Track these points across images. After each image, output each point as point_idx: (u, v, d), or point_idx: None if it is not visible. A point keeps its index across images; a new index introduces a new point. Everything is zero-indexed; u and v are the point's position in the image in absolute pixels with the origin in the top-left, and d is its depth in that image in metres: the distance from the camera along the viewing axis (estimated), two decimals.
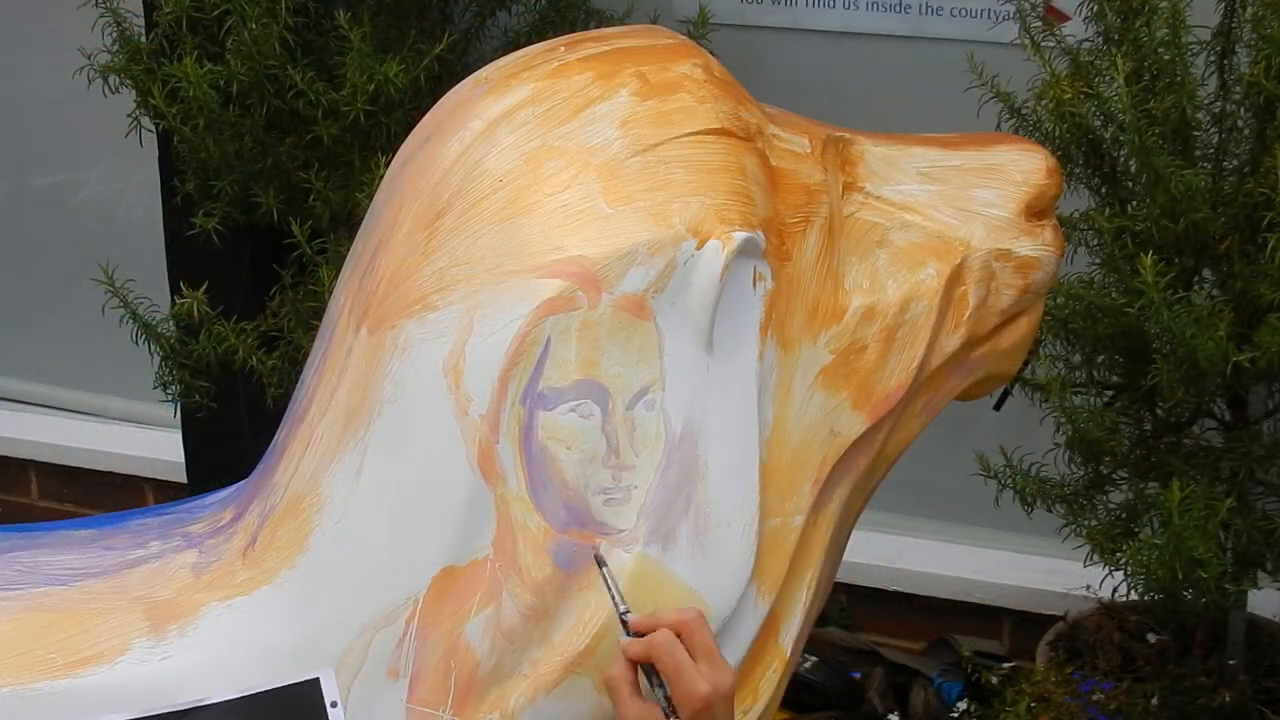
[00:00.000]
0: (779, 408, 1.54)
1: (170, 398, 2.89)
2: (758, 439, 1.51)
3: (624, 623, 1.42)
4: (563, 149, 1.49)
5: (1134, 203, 2.42)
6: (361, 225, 1.64)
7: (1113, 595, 2.66)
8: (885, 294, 1.61)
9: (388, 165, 1.69)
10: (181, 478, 3.48)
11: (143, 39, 2.81)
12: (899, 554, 3.25)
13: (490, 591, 1.46)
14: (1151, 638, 2.72)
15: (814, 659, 3.03)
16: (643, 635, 1.40)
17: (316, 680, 1.46)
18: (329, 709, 1.45)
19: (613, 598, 1.43)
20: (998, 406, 2.41)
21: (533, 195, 1.47)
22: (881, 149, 1.69)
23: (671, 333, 1.47)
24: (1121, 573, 2.45)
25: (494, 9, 2.96)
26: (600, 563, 1.45)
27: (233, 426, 3.06)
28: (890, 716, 3.04)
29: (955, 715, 2.98)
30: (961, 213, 1.68)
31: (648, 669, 1.39)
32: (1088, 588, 2.72)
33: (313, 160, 2.72)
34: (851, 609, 3.26)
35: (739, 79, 1.62)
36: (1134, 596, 2.61)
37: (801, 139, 1.62)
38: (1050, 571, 3.04)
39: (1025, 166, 1.73)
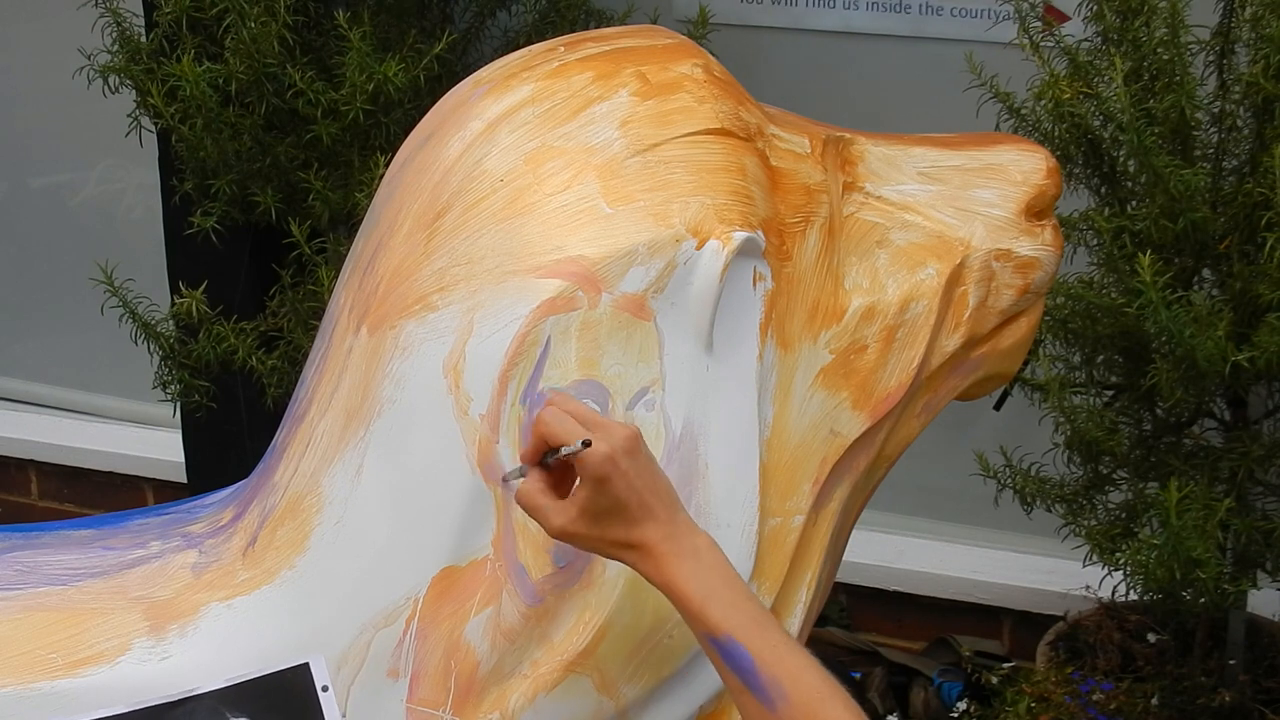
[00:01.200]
0: (779, 408, 1.54)
1: (170, 398, 2.89)
2: (758, 439, 1.51)
3: (522, 474, 1.40)
4: (563, 149, 1.49)
5: (1133, 203, 2.42)
6: (361, 225, 1.64)
7: (1113, 595, 2.66)
8: (885, 294, 1.61)
9: (387, 165, 1.69)
10: (181, 478, 3.48)
11: (143, 39, 2.81)
12: (899, 554, 3.25)
13: (490, 591, 1.46)
14: (1151, 638, 2.73)
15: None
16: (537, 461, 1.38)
17: (306, 665, 1.46)
18: (320, 693, 1.45)
19: (516, 474, 1.42)
20: (998, 406, 2.41)
21: (533, 195, 1.47)
22: (881, 149, 1.70)
23: (671, 332, 1.47)
24: (1121, 573, 2.45)
25: (494, 9, 2.96)
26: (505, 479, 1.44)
27: (233, 426, 3.06)
28: (890, 717, 3.04)
29: (955, 715, 2.98)
30: (961, 213, 1.68)
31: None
32: (1087, 588, 2.72)
33: (312, 160, 2.72)
34: (851, 609, 3.27)
35: (739, 79, 1.62)
36: (1134, 596, 2.61)
37: (801, 139, 1.62)
38: (1050, 571, 3.04)
39: (1025, 167, 1.73)
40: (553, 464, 1.38)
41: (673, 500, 1.38)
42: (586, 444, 1.33)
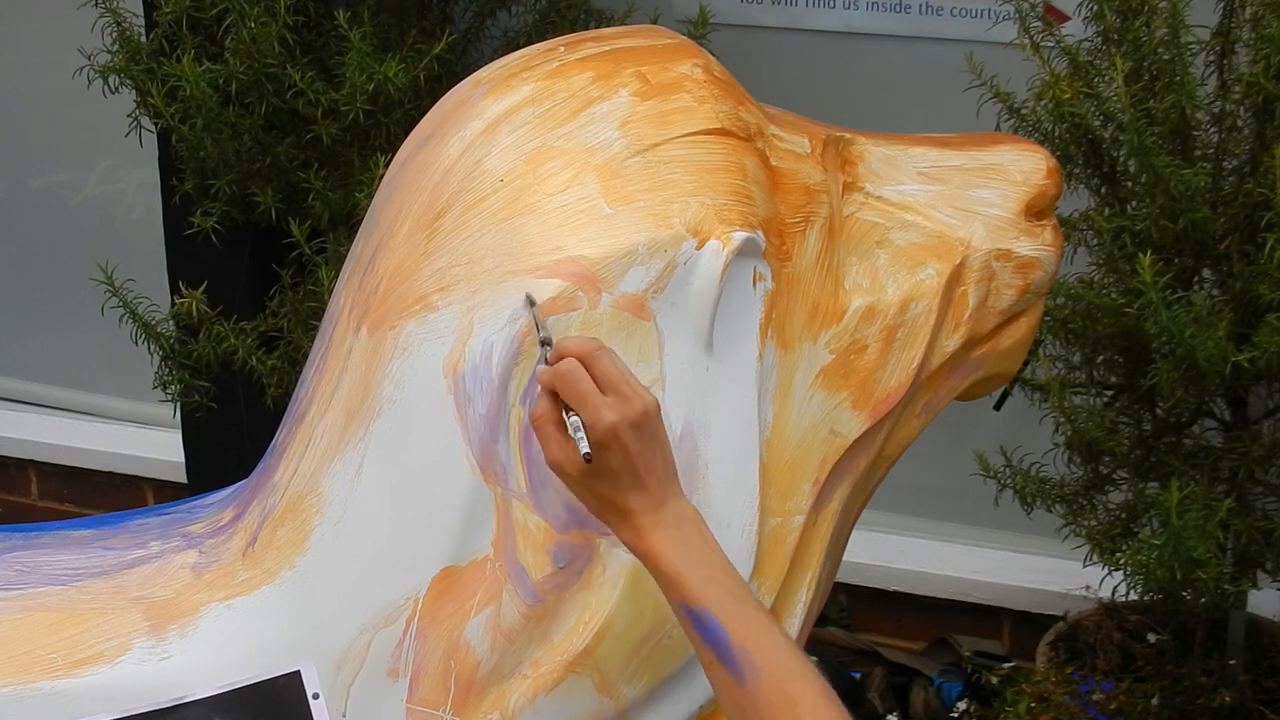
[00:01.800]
0: (779, 408, 1.54)
1: (170, 398, 2.89)
2: (758, 439, 1.51)
3: (545, 352, 1.40)
4: (563, 149, 1.49)
5: (1134, 203, 2.42)
6: (361, 225, 1.64)
7: (1113, 595, 2.66)
8: (885, 294, 1.61)
9: (387, 165, 1.69)
10: (181, 478, 3.48)
11: (143, 39, 2.81)
12: (899, 554, 3.25)
13: (490, 591, 1.46)
14: (1151, 638, 2.73)
15: (814, 659, 3.03)
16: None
17: (298, 673, 1.46)
18: (310, 701, 1.45)
19: (538, 327, 1.41)
20: (998, 406, 2.41)
21: (533, 195, 1.47)
22: (881, 149, 1.69)
23: (671, 333, 1.47)
24: (1121, 573, 2.45)
25: (494, 9, 2.96)
26: (530, 302, 1.43)
27: (233, 426, 3.06)
28: (890, 716, 3.04)
29: (955, 715, 2.98)
30: (961, 213, 1.68)
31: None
32: (1087, 588, 2.72)
33: (312, 160, 2.72)
34: (851, 609, 3.27)
35: (739, 79, 1.62)
36: (1134, 596, 2.61)
37: (801, 139, 1.62)
38: (1050, 571, 3.04)
39: (1025, 167, 1.73)
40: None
41: (668, 477, 1.38)
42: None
